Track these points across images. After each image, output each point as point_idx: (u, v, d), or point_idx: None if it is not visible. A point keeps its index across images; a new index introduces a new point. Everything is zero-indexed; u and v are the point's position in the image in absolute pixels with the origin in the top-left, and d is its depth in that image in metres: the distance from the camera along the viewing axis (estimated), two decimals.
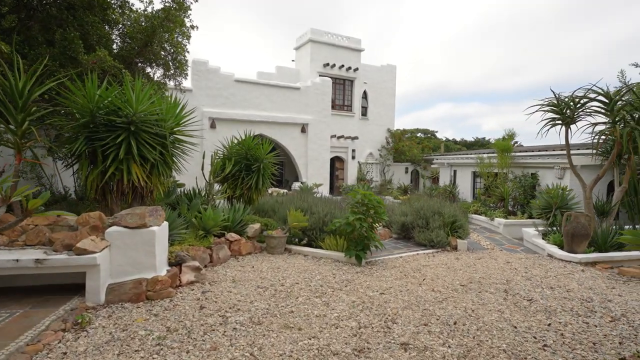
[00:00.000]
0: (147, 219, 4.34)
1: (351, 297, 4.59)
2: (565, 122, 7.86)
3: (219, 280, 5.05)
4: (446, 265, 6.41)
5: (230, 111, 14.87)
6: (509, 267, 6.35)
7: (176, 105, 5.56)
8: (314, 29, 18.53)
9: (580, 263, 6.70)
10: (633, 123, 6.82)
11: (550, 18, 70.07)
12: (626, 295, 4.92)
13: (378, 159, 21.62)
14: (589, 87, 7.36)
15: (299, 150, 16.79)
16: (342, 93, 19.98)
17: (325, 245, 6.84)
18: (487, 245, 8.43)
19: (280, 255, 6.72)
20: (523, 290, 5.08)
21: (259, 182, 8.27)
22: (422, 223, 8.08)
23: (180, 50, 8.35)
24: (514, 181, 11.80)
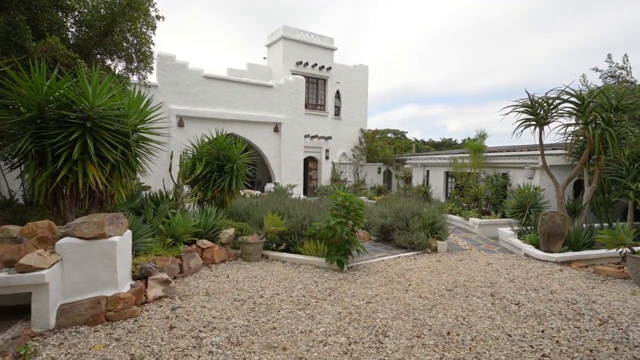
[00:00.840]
0: (107, 228, 3.81)
1: (337, 308, 4.27)
2: (539, 123, 7.97)
3: (190, 294, 4.58)
4: (429, 268, 6.25)
5: (199, 109, 14.16)
6: (491, 269, 6.29)
7: (140, 100, 5.01)
8: (286, 26, 18.10)
9: (557, 262, 6.78)
10: (603, 124, 6.99)
11: (511, 24, 73.49)
12: (607, 295, 4.94)
13: (351, 159, 21.53)
14: (562, 89, 7.49)
15: (272, 150, 16.32)
16: (315, 92, 19.70)
17: (304, 251, 6.50)
18: (464, 245, 8.41)
19: (257, 262, 6.30)
20: (509, 294, 4.98)
21: (232, 183, 7.80)
22: (402, 225, 7.92)
23: (144, 42, 7.70)
24: (486, 181, 11.99)
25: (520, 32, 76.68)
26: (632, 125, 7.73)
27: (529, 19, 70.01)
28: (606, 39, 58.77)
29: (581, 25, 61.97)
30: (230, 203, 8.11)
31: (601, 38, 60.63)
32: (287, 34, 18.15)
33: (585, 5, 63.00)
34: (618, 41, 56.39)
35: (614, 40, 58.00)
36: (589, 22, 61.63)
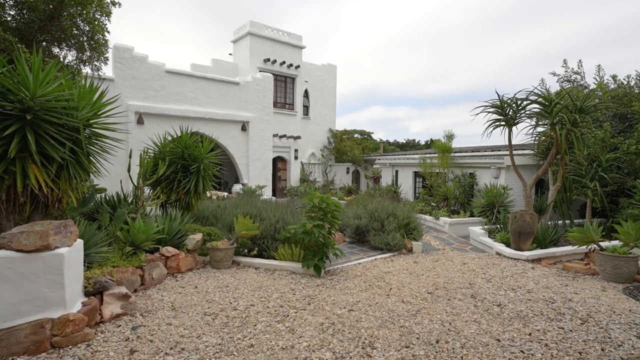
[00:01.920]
0: (52, 238, 3.26)
1: (318, 319, 3.97)
2: (509, 123, 8.13)
3: (154, 309, 4.08)
4: (408, 270, 6.11)
5: (160, 105, 13.30)
6: (467, 269, 6.27)
7: (93, 91, 4.43)
8: (253, 21, 17.54)
9: (528, 260, 6.90)
10: (569, 125, 7.23)
11: (469, 31, 76.82)
12: (581, 293, 5.02)
13: (320, 159, 21.32)
14: (530, 90, 7.68)
15: (239, 149, 15.71)
16: (284, 91, 19.28)
17: (279, 256, 6.14)
18: (437, 245, 8.42)
19: (228, 269, 5.85)
20: (489, 294, 4.93)
21: (199, 185, 7.26)
22: (377, 226, 7.77)
23: (98, 29, 6.99)
24: (454, 181, 12.21)
25: (479, 39, 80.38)
26: (594, 126, 8.08)
27: (488, 26, 73.53)
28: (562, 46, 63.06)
29: (537, 32, 65.99)
30: (197, 206, 7.56)
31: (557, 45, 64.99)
32: (255, 30, 17.59)
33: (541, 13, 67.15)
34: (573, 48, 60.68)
35: (569, 47, 62.37)
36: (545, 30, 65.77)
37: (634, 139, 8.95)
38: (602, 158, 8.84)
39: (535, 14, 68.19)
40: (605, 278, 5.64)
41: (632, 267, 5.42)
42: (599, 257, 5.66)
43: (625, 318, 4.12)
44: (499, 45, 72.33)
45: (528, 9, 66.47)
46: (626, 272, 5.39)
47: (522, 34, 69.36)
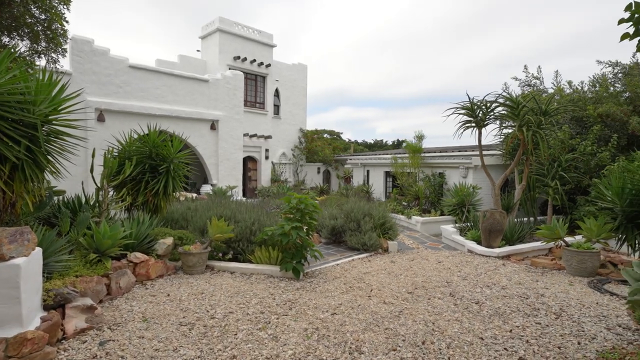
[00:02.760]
0: (6, 248, 2.91)
1: (301, 324, 3.84)
2: (478, 124, 8.40)
3: (123, 321, 3.78)
4: (386, 270, 6.12)
5: (123, 102, 12.57)
6: (443, 267, 6.37)
7: (52, 85, 4.03)
8: (222, 17, 17.05)
9: (498, 257, 7.14)
10: (534, 127, 7.57)
11: (435, 36, 79.48)
12: (551, 288, 5.23)
13: (291, 159, 21.13)
14: (498, 93, 7.97)
15: (208, 149, 15.20)
16: (254, 90, 18.91)
17: (255, 259, 5.94)
18: (411, 244, 8.54)
19: (202, 275, 5.58)
20: (466, 292, 5.01)
21: (169, 186, 6.90)
22: (353, 226, 7.74)
23: (55, 18, 6.44)
24: (425, 180, 12.48)
25: (444, 43, 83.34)
26: (557, 128, 8.51)
27: (452, 32, 76.38)
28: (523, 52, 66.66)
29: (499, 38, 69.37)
30: (166, 208, 7.18)
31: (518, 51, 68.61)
32: (224, 27, 17.11)
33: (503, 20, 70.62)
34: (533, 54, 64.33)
35: (529, 53, 66.04)
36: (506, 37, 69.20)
37: (589, 141, 9.55)
38: (562, 158, 9.35)
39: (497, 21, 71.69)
40: (571, 272, 5.93)
41: (596, 262, 5.74)
42: (566, 253, 5.95)
43: (594, 311, 4.33)
44: (463, 51, 75.42)
45: (491, 16, 69.78)
46: (590, 266, 5.70)
47: (485, 40, 72.73)
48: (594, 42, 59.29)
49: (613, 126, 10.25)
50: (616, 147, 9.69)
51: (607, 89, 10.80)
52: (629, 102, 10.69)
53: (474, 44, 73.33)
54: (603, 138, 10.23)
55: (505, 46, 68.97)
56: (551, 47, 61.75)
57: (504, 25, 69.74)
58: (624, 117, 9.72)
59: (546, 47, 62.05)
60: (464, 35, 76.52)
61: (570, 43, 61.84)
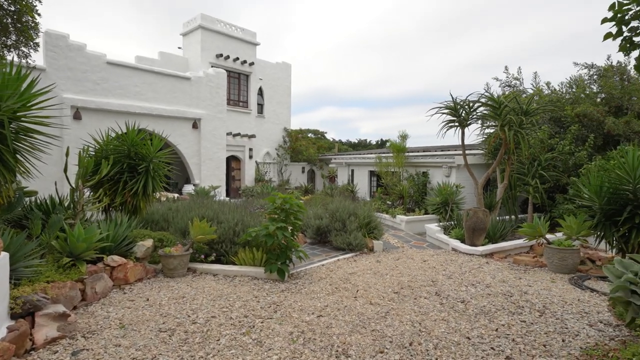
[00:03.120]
0: None
1: (287, 327, 3.75)
2: (461, 124, 8.48)
3: (98, 329, 3.59)
4: (372, 270, 6.08)
5: (100, 100, 12.14)
6: (428, 266, 6.38)
7: (21, 79, 3.80)
8: (204, 14, 16.71)
9: (482, 255, 7.22)
10: (516, 126, 7.69)
11: (419, 38, 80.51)
12: (534, 285, 5.30)
13: (275, 158, 20.95)
14: (481, 93, 8.06)
15: (190, 148, 14.87)
16: (237, 88, 18.63)
17: (239, 261, 5.79)
18: (396, 243, 8.55)
19: (183, 277, 5.40)
20: (452, 291, 5.02)
21: (148, 186, 6.67)
22: (338, 226, 7.68)
23: (26, 10, 6.13)
24: (409, 179, 12.56)
25: (427, 45, 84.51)
26: (538, 128, 8.68)
27: (435, 33, 77.53)
28: (503, 54, 68.27)
29: (482, 40, 70.82)
30: (146, 209, 6.94)
31: (499, 52, 70.23)
32: (206, 24, 16.77)
33: (484, 23, 72.09)
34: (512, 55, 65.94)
35: (508, 54, 67.70)
36: (489, 38, 70.71)
37: (568, 140, 9.79)
38: (542, 157, 9.55)
39: (480, 23, 73.15)
40: (552, 270, 6.03)
41: (576, 259, 5.86)
42: (547, 251, 6.05)
43: (576, 307, 4.39)
44: (447, 52, 76.74)
45: (474, 18, 71.15)
46: (571, 263, 5.81)
47: (468, 41, 74.14)
48: (571, 46, 61.34)
49: (590, 126, 10.55)
50: (593, 147, 9.97)
51: (584, 90, 11.11)
52: (605, 103, 11.04)
53: (457, 45, 74.68)
54: (580, 138, 10.51)
55: (488, 48, 70.53)
56: (531, 49, 63.53)
57: (486, 27, 71.26)
58: (600, 117, 10.01)
59: (526, 49, 63.83)
60: (447, 36, 77.86)
61: (550, 45, 63.78)
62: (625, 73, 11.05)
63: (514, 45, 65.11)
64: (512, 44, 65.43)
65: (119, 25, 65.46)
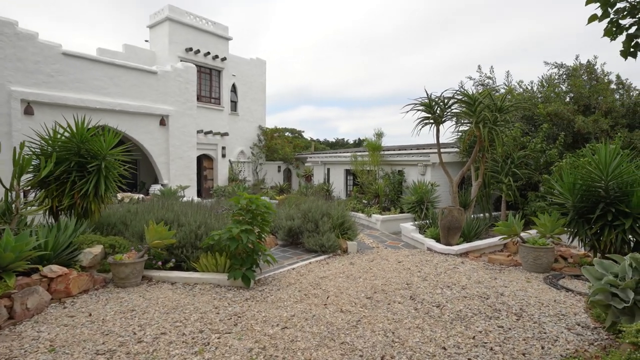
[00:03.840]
0: None
1: (246, 343, 3.35)
2: (436, 121, 8.31)
3: (22, 354, 3.07)
4: (344, 273, 5.76)
5: (55, 93, 11.24)
6: (403, 268, 6.13)
7: None
8: (172, 5, 15.91)
9: (457, 255, 7.05)
10: (490, 123, 7.58)
11: (395, 39, 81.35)
12: (510, 286, 5.13)
13: (250, 157, 20.37)
14: (455, 90, 7.91)
15: (157, 146, 14.10)
16: (209, 84, 17.91)
17: (200, 267, 5.33)
18: (371, 243, 8.29)
19: (137, 287, 4.89)
20: (427, 294, 4.77)
21: (100, 186, 6.08)
22: (311, 227, 7.32)
23: None
24: (384, 178, 12.37)
25: (403, 46, 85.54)
26: (512, 125, 8.64)
27: (411, 35, 78.49)
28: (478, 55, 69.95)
29: (457, 42, 72.28)
30: (99, 211, 6.34)
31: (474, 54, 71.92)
32: (174, 16, 15.99)
33: (459, 26, 73.64)
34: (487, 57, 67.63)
35: (484, 56, 69.42)
36: (464, 40, 72.23)
37: (539, 138, 9.85)
38: (515, 155, 9.56)
39: (455, 26, 74.72)
40: (527, 269, 5.91)
41: (550, 258, 5.76)
42: (522, 249, 5.92)
43: (552, 309, 4.22)
44: (422, 54, 77.97)
45: (450, 21, 72.57)
46: (545, 262, 5.70)
47: (444, 43, 75.63)
48: (541, 47, 63.63)
49: (560, 125, 10.68)
50: (563, 145, 10.09)
51: (554, 89, 11.25)
52: (574, 102, 11.22)
53: (433, 47, 76.01)
54: (551, 136, 10.63)
55: (463, 49, 72.19)
56: (504, 50, 65.56)
57: (461, 29, 72.92)
58: (571, 115, 10.14)
59: (499, 50, 65.71)
60: (423, 38, 79.08)
61: (521, 47, 65.97)
62: (593, 72, 11.26)
63: (488, 47, 66.92)
64: (487, 46, 67.23)
65: (92, 17, 62.52)
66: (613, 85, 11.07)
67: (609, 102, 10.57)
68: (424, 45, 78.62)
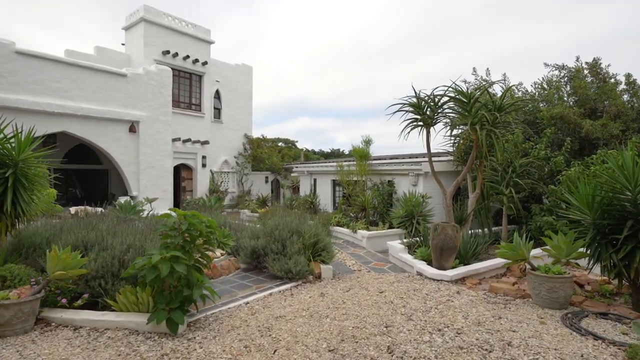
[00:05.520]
0: None
1: None
2: (426, 123, 7.22)
3: None
4: (309, 310, 4.55)
5: (6, 96, 10.13)
6: (384, 301, 4.93)
7: None
8: (148, 6, 14.94)
9: (452, 282, 5.86)
10: (488, 125, 6.49)
11: (389, 50, 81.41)
12: (519, 330, 3.95)
13: (235, 167, 19.21)
14: (447, 86, 6.83)
15: (127, 155, 12.94)
16: (189, 89, 16.85)
17: (118, 305, 4.12)
18: (353, 265, 7.10)
19: (24, 335, 3.67)
20: (410, 344, 3.58)
21: (19, 198, 4.91)
22: (277, 248, 6.13)
23: None
24: (373, 189, 11.24)
25: (396, 57, 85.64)
26: (514, 127, 7.55)
27: (405, 46, 78.58)
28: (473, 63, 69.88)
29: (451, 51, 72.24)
30: (10, 230, 5.15)
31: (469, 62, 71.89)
32: (150, 17, 15.00)
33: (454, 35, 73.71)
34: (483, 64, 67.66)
35: (478, 65, 69.31)
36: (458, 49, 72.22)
37: (543, 144, 8.78)
38: (517, 163, 8.47)
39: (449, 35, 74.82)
40: (539, 303, 4.72)
41: (569, 290, 4.57)
42: (532, 279, 4.74)
43: None
44: (414, 63, 77.89)
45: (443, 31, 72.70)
46: (562, 295, 4.52)
47: (438, 52, 75.62)
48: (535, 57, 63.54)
49: (565, 129, 9.64)
50: (569, 152, 9.03)
51: (558, 90, 10.24)
52: (579, 105, 10.21)
53: (428, 57, 75.97)
54: (556, 142, 9.57)
55: (458, 58, 72.12)
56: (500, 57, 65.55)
57: (455, 38, 72.97)
58: (577, 119, 9.09)
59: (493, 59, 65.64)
60: (416, 48, 79.14)
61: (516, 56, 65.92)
62: (599, 72, 10.26)
63: (482, 57, 66.81)
64: (480, 56, 67.15)
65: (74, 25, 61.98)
66: (622, 86, 10.06)
67: (618, 105, 9.56)
68: (418, 56, 78.63)
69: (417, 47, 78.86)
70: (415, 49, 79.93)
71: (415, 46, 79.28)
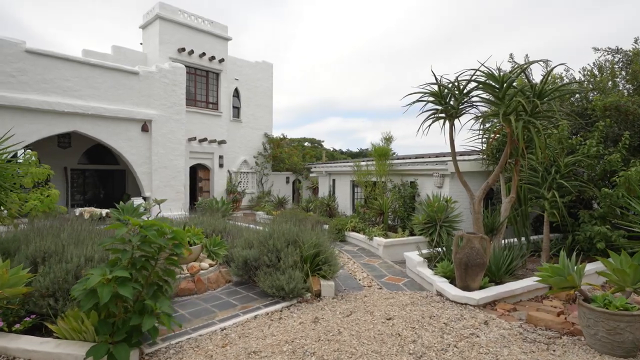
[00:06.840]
0: None
1: None
2: (450, 114, 6.13)
3: None
4: (292, 344, 3.68)
5: (16, 95, 10.03)
6: (390, 332, 3.98)
7: None
8: (163, 3, 14.66)
9: (478, 306, 4.79)
10: (526, 115, 5.32)
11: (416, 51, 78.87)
12: None
13: (254, 167, 18.70)
14: (475, 69, 5.70)
15: (139, 155, 12.66)
16: (205, 87, 16.47)
17: (61, 331, 3.45)
18: (363, 279, 6.17)
19: None
20: None
21: None
22: (270, 259, 5.31)
23: None
24: (393, 191, 10.19)
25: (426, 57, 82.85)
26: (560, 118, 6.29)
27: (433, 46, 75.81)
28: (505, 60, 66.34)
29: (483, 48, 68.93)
30: None
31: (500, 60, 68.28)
32: (165, 14, 14.72)
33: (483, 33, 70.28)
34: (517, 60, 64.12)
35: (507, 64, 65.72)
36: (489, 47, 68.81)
37: (594, 139, 7.38)
38: (561, 162, 7.16)
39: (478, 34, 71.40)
40: (595, 347, 3.57)
41: (637, 331, 3.40)
42: (585, 314, 3.60)
43: None
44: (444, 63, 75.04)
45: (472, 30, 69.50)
46: (630, 339, 3.35)
47: (468, 51, 72.42)
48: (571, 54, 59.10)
49: (622, 122, 8.15)
50: (627, 148, 7.56)
51: (614, 76, 8.73)
52: (639, 94, 8.64)
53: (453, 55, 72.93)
54: (610, 137, 8.12)
55: (488, 55, 68.75)
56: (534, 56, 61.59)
57: (485, 37, 69.51)
58: (638, 109, 7.61)
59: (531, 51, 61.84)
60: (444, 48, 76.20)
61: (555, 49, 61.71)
62: None
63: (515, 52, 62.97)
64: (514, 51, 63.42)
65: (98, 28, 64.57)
66: None
67: None
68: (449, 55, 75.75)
69: (448, 46, 76.00)
70: (447, 48, 77.04)
71: (447, 45, 76.45)
